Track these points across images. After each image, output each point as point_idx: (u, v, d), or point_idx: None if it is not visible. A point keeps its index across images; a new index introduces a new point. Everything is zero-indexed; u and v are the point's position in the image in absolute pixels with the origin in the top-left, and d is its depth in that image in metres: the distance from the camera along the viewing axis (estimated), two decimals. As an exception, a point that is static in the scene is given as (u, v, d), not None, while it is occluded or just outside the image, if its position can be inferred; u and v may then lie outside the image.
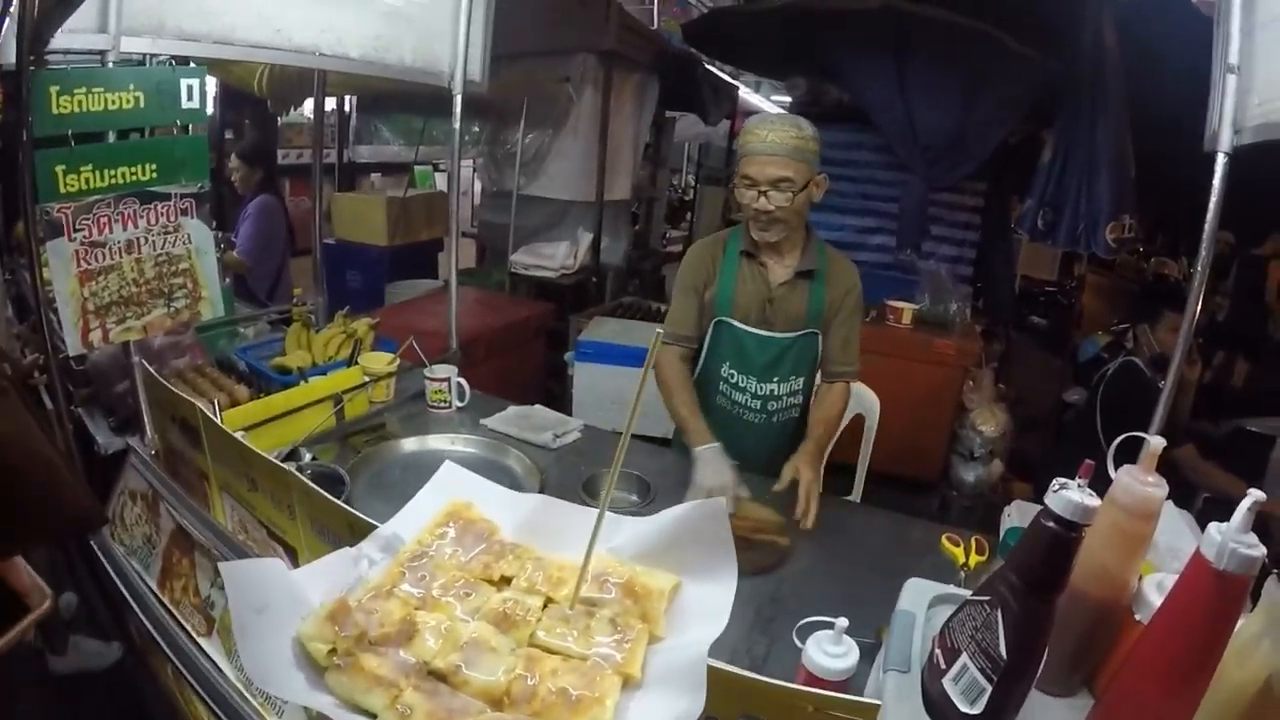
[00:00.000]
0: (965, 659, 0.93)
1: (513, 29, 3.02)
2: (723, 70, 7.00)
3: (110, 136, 1.79)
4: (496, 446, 2.21)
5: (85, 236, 1.74)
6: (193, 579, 1.63)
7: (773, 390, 2.21)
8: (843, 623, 1.15)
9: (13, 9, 1.55)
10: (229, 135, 6.43)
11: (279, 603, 0.87)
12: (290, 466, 1.41)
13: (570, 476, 2.09)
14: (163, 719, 1.68)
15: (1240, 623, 0.89)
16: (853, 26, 4.42)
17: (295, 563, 1.34)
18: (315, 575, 0.96)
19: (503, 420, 2.40)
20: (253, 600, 0.85)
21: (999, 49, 4.08)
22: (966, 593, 1.00)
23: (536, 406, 2.55)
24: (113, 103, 1.74)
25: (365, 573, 0.99)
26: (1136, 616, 1.04)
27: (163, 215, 1.90)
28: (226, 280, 2.26)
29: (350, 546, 1.03)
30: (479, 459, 2.15)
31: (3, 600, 1.68)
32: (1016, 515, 1.80)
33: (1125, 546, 1.03)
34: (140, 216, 1.85)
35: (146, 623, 1.65)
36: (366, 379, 2.41)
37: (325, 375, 2.35)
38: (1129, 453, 1.06)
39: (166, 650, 1.56)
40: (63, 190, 1.69)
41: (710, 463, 1.97)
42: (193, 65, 1.89)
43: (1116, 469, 1.05)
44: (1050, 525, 0.88)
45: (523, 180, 5.32)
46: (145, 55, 1.80)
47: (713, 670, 0.78)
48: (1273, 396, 4.58)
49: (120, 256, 1.83)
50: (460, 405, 2.51)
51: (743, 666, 0.91)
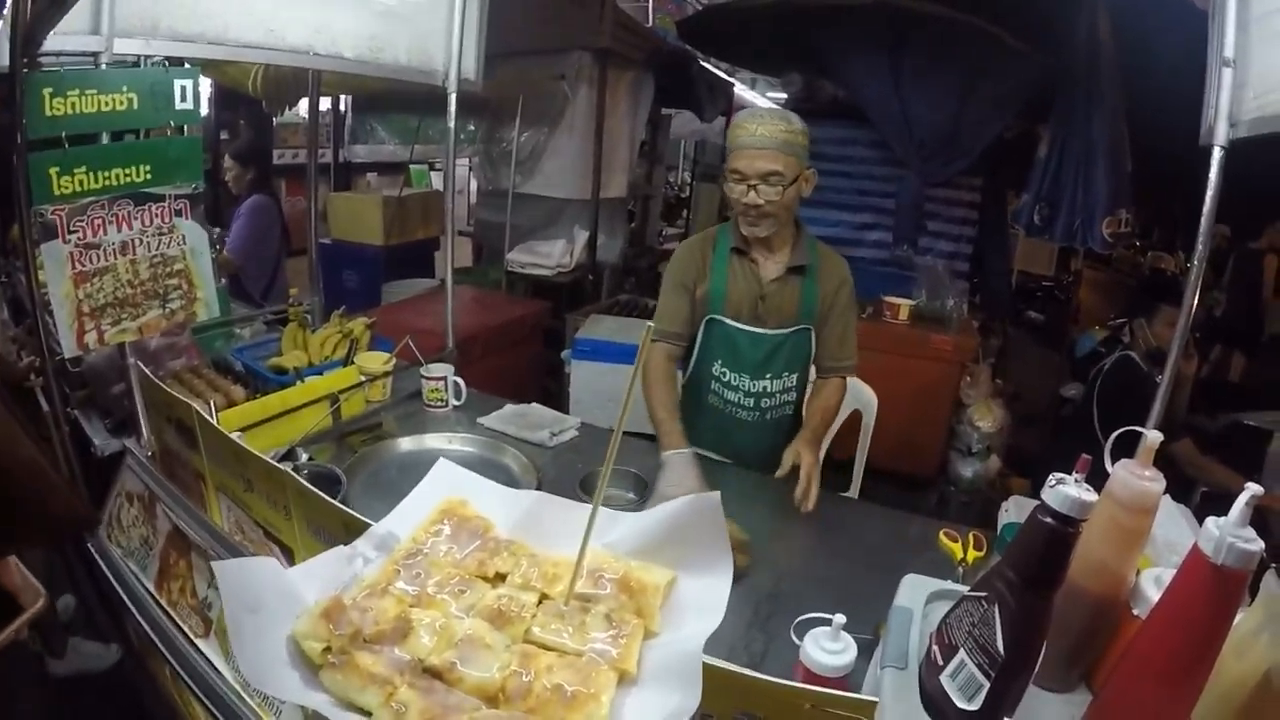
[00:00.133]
0: (963, 655, 0.93)
1: (507, 27, 3.02)
2: (718, 67, 7.00)
3: (104, 138, 1.78)
4: (493, 445, 2.21)
5: (80, 238, 1.74)
6: (190, 580, 1.63)
7: (765, 387, 2.21)
8: (840, 619, 1.15)
9: (5, 12, 1.54)
10: (224, 136, 6.42)
11: (273, 601, 0.87)
12: (287, 467, 1.41)
13: (567, 474, 2.09)
14: (162, 720, 1.68)
15: (1239, 617, 0.89)
16: (848, 22, 4.42)
17: (291, 563, 1.34)
18: (310, 574, 0.96)
19: (500, 419, 2.40)
20: (246, 599, 0.85)
21: (994, 44, 4.08)
22: (964, 588, 1.00)
23: (533, 405, 2.54)
24: (106, 104, 1.73)
25: (360, 571, 0.99)
26: (1134, 611, 1.03)
27: (157, 216, 1.89)
28: (222, 281, 2.26)
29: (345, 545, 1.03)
30: (476, 457, 2.15)
31: (-3, 601, 1.68)
32: (1014, 510, 1.80)
33: (1123, 541, 1.02)
34: (135, 218, 1.85)
35: (144, 624, 1.64)
36: (363, 378, 2.41)
37: (321, 375, 2.34)
38: (1126, 447, 1.06)
39: (164, 652, 1.56)
40: (57, 192, 1.68)
41: (676, 469, 1.92)
42: (186, 66, 1.88)
43: (1113, 464, 1.05)
44: (1047, 521, 0.88)
45: (518, 179, 5.31)
46: (139, 57, 1.80)
47: (710, 668, 0.78)
48: (1270, 390, 4.60)
49: (115, 258, 1.83)
50: (457, 404, 2.51)
51: (741, 663, 0.91)
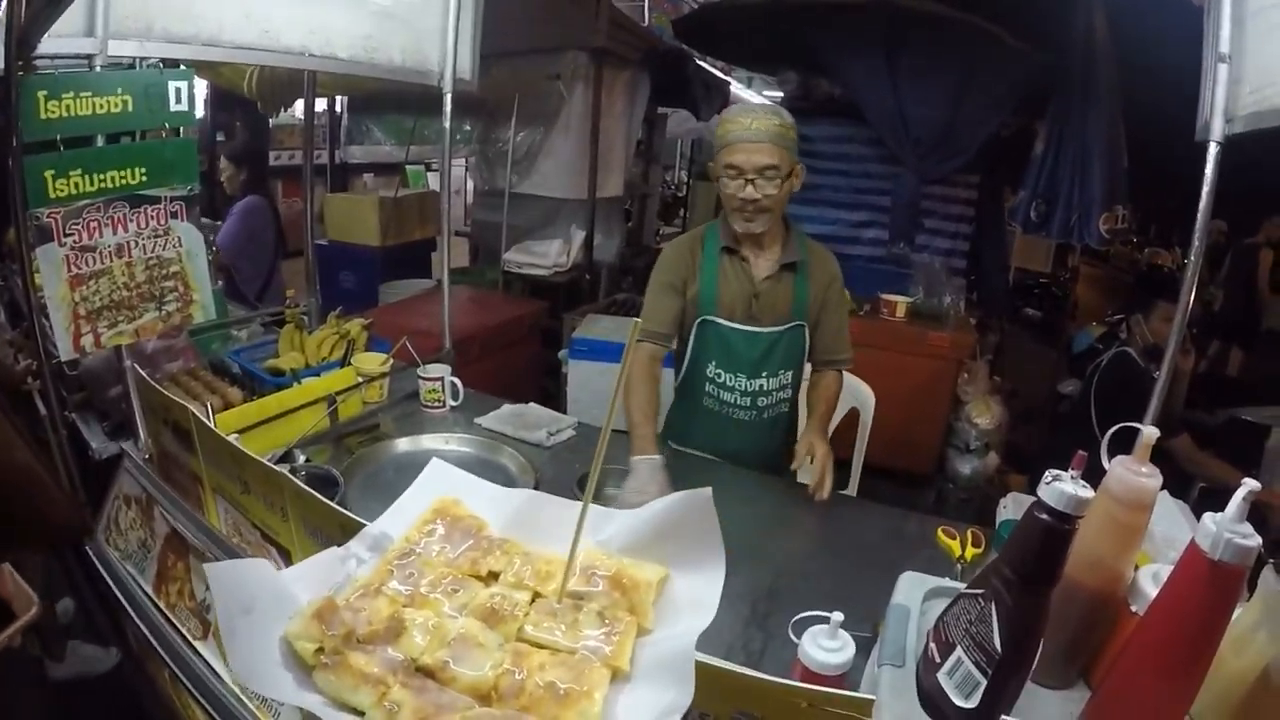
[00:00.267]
0: (960, 652, 0.93)
1: (502, 27, 3.01)
2: (714, 66, 6.99)
3: (99, 140, 1.78)
4: (491, 445, 2.21)
5: (75, 241, 1.74)
6: (188, 583, 1.63)
7: (762, 386, 2.20)
8: (838, 617, 1.15)
9: None
10: (220, 137, 6.41)
11: (266, 603, 0.87)
12: (284, 469, 1.41)
13: (565, 474, 2.09)
14: (161, 723, 1.68)
15: (1237, 613, 0.89)
16: (844, 21, 4.42)
17: (289, 565, 1.34)
18: (303, 575, 0.96)
19: (497, 419, 2.40)
20: (240, 600, 0.85)
21: (991, 42, 4.08)
22: (961, 586, 1.00)
23: (530, 405, 2.54)
24: (101, 107, 1.73)
25: (354, 571, 0.99)
26: (1132, 608, 1.03)
27: (153, 219, 1.89)
28: (218, 283, 2.26)
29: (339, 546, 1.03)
30: (473, 458, 2.15)
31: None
32: (1012, 507, 1.80)
33: (1120, 537, 1.02)
34: (130, 220, 1.84)
35: (143, 627, 1.64)
36: (360, 380, 2.41)
37: (318, 376, 2.34)
38: (1124, 443, 1.06)
39: (163, 654, 1.56)
40: (52, 195, 1.68)
41: (641, 475, 1.88)
42: (181, 68, 1.88)
43: (1110, 460, 1.05)
44: (1043, 517, 0.87)
45: (515, 178, 5.30)
46: (133, 59, 1.79)
47: (707, 667, 0.78)
48: (1268, 385, 4.59)
49: (111, 260, 1.82)
50: (454, 404, 2.51)
51: (739, 662, 0.92)
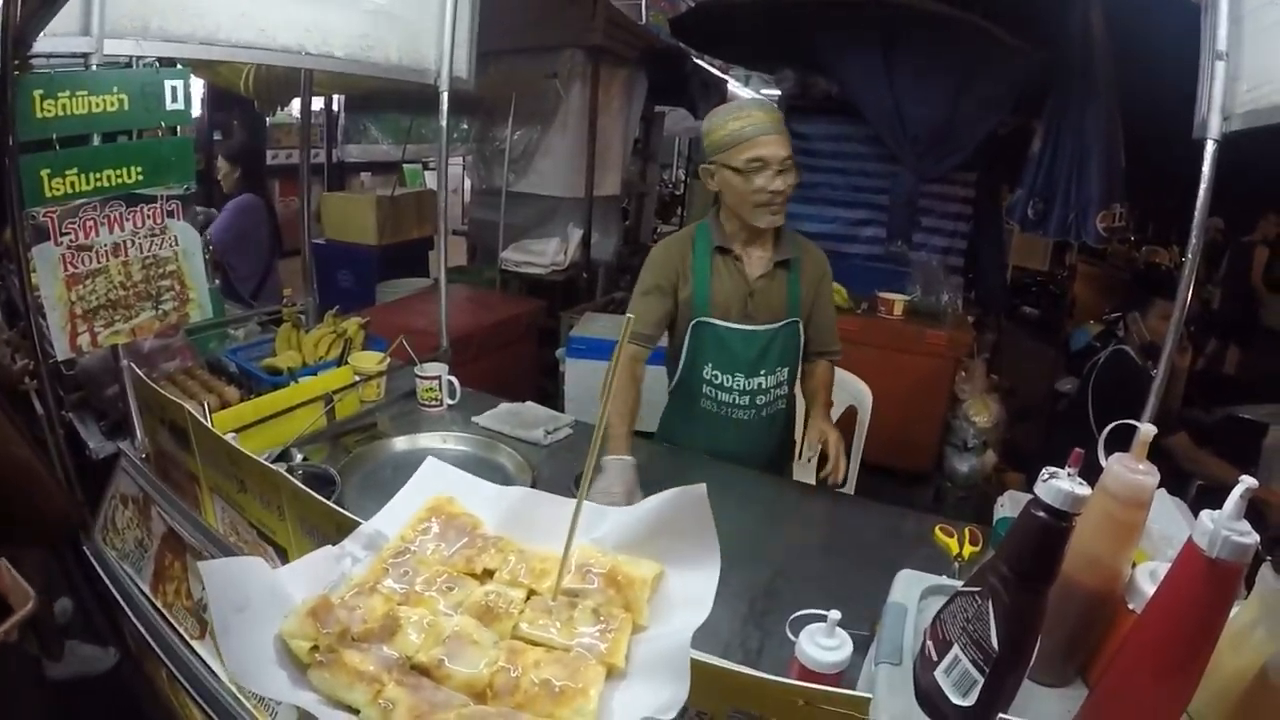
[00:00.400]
0: (957, 650, 0.93)
1: (499, 25, 3.01)
2: (711, 64, 6.98)
3: (96, 139, 1.77)
4: (488, 444, 2.21)
5: (71, 240, 1.73)
6: (185, 582, 1.62)
7: (760, 384, 2.21)
8: (835, 615, 1.15)
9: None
10: (217, 136, 6.40)
11: (260, 601, 0.87)
12: (281, 468, 1.41)
13: (562, 473, 2.09)
14: (159, 723, 1.68)
15: (1234, 610, 0.89)
16: (841, 19, 4.41)
17: (285, 564, 1.34)
18: (297, 573, 0.96)
19: (494, 418, 2.40)
20: (233, 599, 0.85)
21: (988, 40, 4.08)
22: (958, 584, 1.00)
23: (528, 403, 2.54)
24: (97, 106, 1.72)
25: (349, 570, 0.99)
26: (1130, 605, 1.03)
27: (149, 218, 1.88)
28: (215, 282, 2.25)
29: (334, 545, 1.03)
30: (470, 457, 2.15)
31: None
32: (1009, 505, 1.80)
33: (1117, 535, 1.02)
34: (127, 219, 1.84)
35: (140, 627, 1.64)
36: (357, 378, 2.40)
37: (315, 375, 2.34)
38: (1122, 442, 1.06)
39: (160, 654, 1.55)
40: (48, 194, 1.67)
41: (608, 475, 1.84)
42: (178, 66, 1.87)
43: (1108, 458, 1.05)
44: (1040, 515, 0.87)
45: (512, 177, 5.30)
46: (129, 57, 1.79)
47: (704, 665, 0.78)
48: (1265, 383, 4.60)
49: (107, 260, 1.82)
50: (451, 403, 2.51)
51: (736, 660, 0.92)
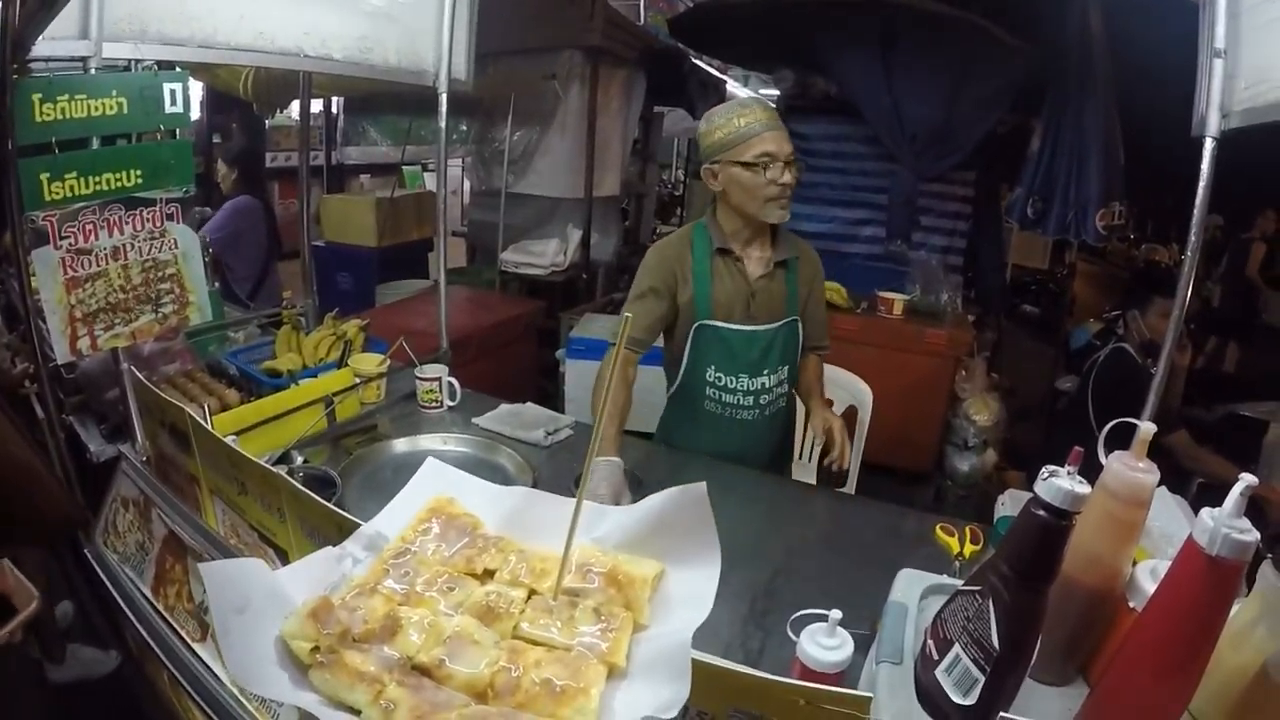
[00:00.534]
0: (958, 649, 0.93)
1: (498, 27, 3.01)
2: (710, 64, 6.98)
3: (95, 143, 1.77)
4: (488, 445, 2.20)
5: (71, 244, 1.73)
6: (186, 585, 1.62)
7: (764, 384, 2.21)
8: (836, 615, 1.15)
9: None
10: (216, 139, 6.41)
11: (260, 602, 0.87)
12: (281, 470, 1.41)
13: (562, 474, 2.08)
14: (161, 726, 1.68)
15: (1235, 608, 0.89)
16: (839, 18, 4.41)
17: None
18: (298, 574, 0.96)
19: (494, 419, 2.40)
20: (233, 600, 0.85)
21: (985, 38, 4.08)
22: (959, 583, 1.00)
23: (528, 404, 2.54)
24: (96, 109, 1.72)
25: (349, 571, 0.99)
26: (1130, 604, 1.03)
27: (148, 221, 1.88)
28: (214, 284, 2.25)
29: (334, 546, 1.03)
30: (471, 458, 2.14)
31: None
32: (1010, 504, 1.80)
33: (1117, 533, 1.02)
34: (126, 222, 1.83)
35: (141, 629, 1.64)
36: (357, 380, 2.40)
37: (316, 378, 2.34)
38: (1122, 440, 1.06)
39: (162, 657, 1.55)
40: (48, 198, 1.67)
41: (594, 476, 1.81)
42: (176, 70, 1.87)
43: (1108, 456, 1.05)
44: (1040, 514, 0.87)
45: (511, 178, 5.30)
46: (128, 61, 1.79)
47: (704, 665, 0.78)
48: (1266, 381, 4.60)
49: (107, 263, 1.82)
50: (451, 404, 2.50)
51: (737, 660, 0.92)
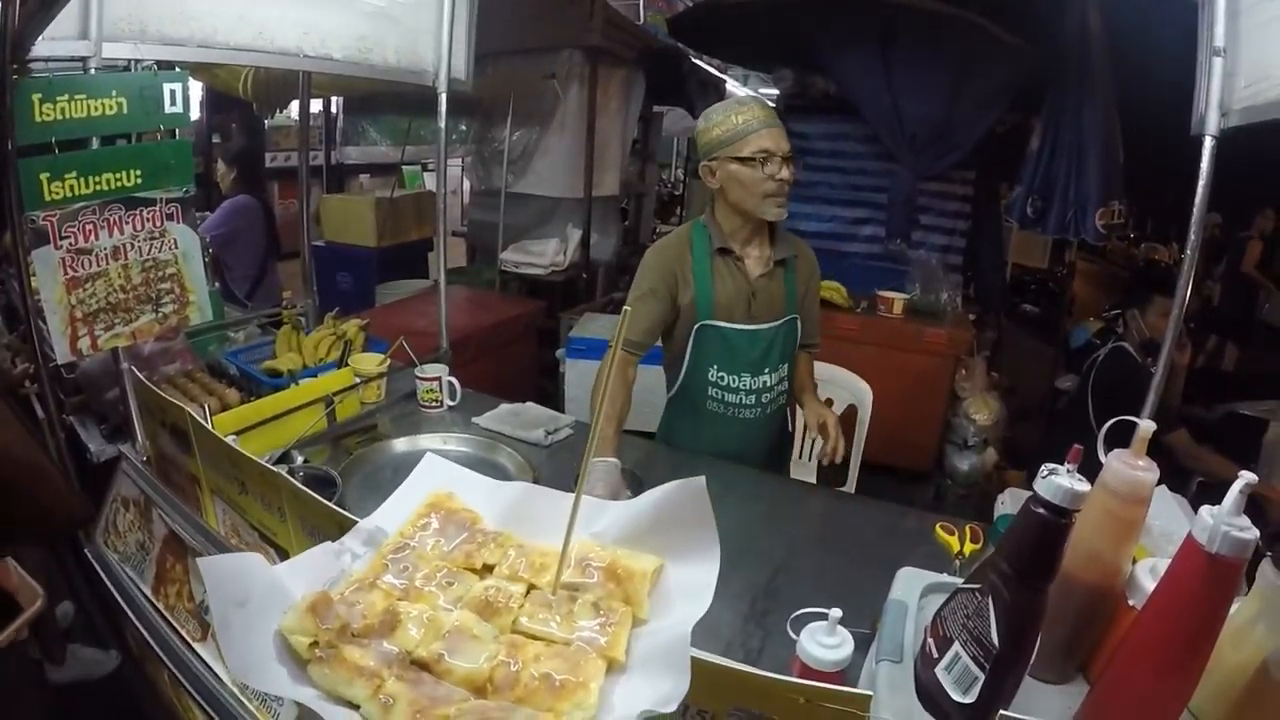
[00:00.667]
0: (957, 647, 0.93)
1: (497, 27, 3.01)
2: (710, 64, 6.99)
3: (94, 143, 1.77)
4: (488, 445, 2.21)
5: (71, 244, 1.73)
6: (187, 584, 1.62)
7: (766, 382, 2.22)
8: (836, 614, 1.15)
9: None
10: (216, 139, 6.41)
11: (260, 597, 0.87)
12: (282, 469, 1.41)
13: (563, 473, 2.08)
14: (161, 725, 1.68)
15: (1235, 606, 0.89)
16: (839, 17, 4.42)
17: (286, 563, 1.34)
18: (297, 569, 0.95)
19: (494, 418, 2.40)
20: (233, 594, 0.85)
21: (984, 37, 4.08)
22: (959, 581, 1.00)
23: (528, 404, 2.53)
24: (95, 109, 1.72)
25: (348, 566, 0.99)
26: (1130, 602, 1.04)
27: (149, 221, 1.88)
28: (214, 284, 2.25)
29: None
30: (471, 457, 2.14)
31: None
32: (1010, 503, 1.80)
33: (1117, 531, 1.03)
34: (126, 222, 1.84)
35: (142, 629, 1.64)
36: (357, 380, 2.40)
37: (316, 377, 2.34)
38: (1122, 439, 1.06)
39: (162, 656, 1.55)
40: (48, 198, 1.67)
41: (590, 477, 1.80)
42: (176, 70, 1.87)
43: (1107, 454, 1.05)
44: (1039, 511, 0.88)
45: (511, 178, 5.30)
46: (128, 61, 1.79)
47: (704, 663, 0.78)
48: (1266, 380, 4.60)
49: (107, 263, 1.82)
50: (452, 404, 2.50)
51: (738, 659, 0.92)
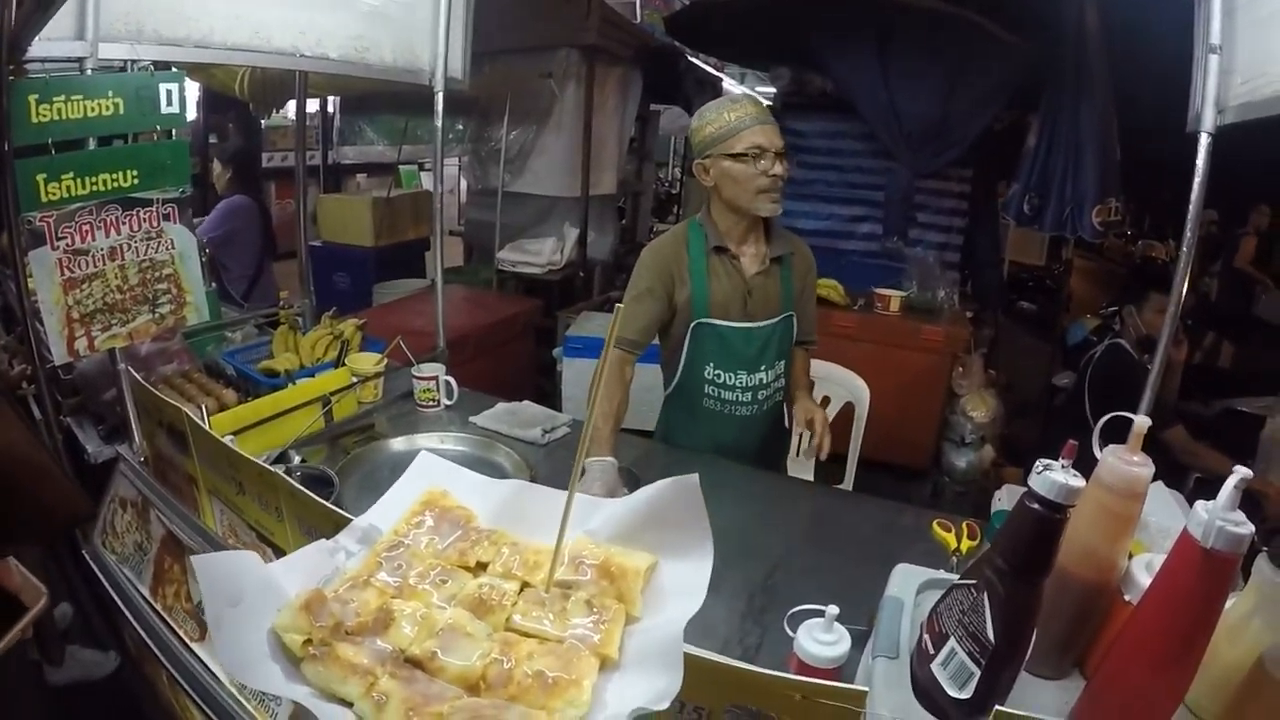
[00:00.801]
0: (953, 643, 0.94)
1: (494, 26, 3.02)
2: (706, 62, 6.99)
3: (91, 144, 1.77)
4: (486, 444, 2.21)
5: (68, 245, 1.73)
6: (184, 585, 1.62)
7: (762, 379, 2.22)
8: (833, 610, 1.15)
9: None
10: (212, 139, 6.40)
11: (253, 594, 0.87)
12: (279, 469, 1.41)
13: (560, 471, 2.07)
14: (160, 726, 1.68)
15: (1230, 601, 0.89)
16: (836, 16, 4.42)
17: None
18: (291, 567, 0.96)
19: (492, 417, 2.40)
20: (227, 592, 0.85)
21: (981, 35, 4.09)
22: (955, 577, 1.00)
23: (525, 403, 2.53)
24: (92, 110, 1.72)
25: (342, 564, 0.99)
26: (1126, 597, 1.04)
27: (145, 221, 1.88)
28: (211, 285, 2.25)
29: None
30: (468, 456, 2.14)
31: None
32: (1006, 499, 1.81)
33: (1112, 527, 1.03)
34: (123, 223, 1.83)
35: (140, 630, 1.64)
36: (354, 380, 2.40)
37: (313, 377, 2.34)
38: (1119, 435, 1.06)
39: (160, 657, 1.55)
40: (44, 199, 1.67)
41: (586, 476, 1.83)
42: (172, 70, 1.87)
43: (1103, 449, 1.05)
44: (1034, 507, 0.88)
45: (507, 177, 5.31)
46: (124, 61, 1.79)
47: (700, 660, 0.78)
48: (1262, 376, 4.61)
49: (104, 264, 1.82)
50: (449, 403, 2.50)
51: (735, 656, 0.92)
